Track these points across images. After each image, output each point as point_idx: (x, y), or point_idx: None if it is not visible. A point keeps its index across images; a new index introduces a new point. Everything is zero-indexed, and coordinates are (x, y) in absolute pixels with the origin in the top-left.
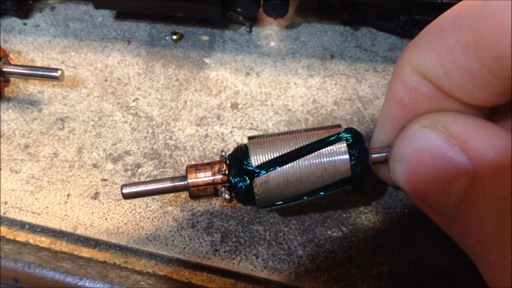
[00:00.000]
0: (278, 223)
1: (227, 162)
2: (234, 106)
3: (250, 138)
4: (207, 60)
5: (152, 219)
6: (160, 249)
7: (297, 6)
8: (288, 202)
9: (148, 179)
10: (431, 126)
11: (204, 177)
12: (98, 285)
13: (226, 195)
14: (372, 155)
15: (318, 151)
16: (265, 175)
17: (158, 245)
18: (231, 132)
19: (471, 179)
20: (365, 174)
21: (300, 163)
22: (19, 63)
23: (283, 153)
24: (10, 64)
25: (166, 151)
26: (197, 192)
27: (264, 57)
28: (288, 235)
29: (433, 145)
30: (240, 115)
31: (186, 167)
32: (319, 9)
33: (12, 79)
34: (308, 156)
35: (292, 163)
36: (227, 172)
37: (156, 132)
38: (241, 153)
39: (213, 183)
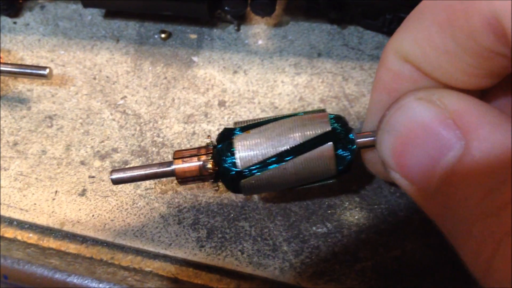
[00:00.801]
0: (263, 219)
1: (215, 154)
2: (222, 104)
3: (234, 130)
4: (195, 59)
5: (139, 215)
6: (146, 245)
7: (285, 5)
8: (270, 165)
9: (141, 164)
10: (426, 98)
11: (189, 156)
12: (86, 281)
13: (209, 168)
14: (358, 140)
15: (305, 156)
16: (250, 177)
17: (145, 241)
18: (218, 129)
19: (462, 154)
20: (351, 163)
21: (286, 167)
22: (9, 62)
23: (269, 155)
24: None
25: (154, 148)
26: (183, 173)
27: (251, 55)
28: (274, 231)
29: (427, 117)
30: (227, 112)
31: (174, 152)
32: (307, 8)
33: (1, 77)
34: (294, 160)
35: (278, 167)
36: (213, 164)
37: (143, 130)
38: (225, 129)
39: (197, 159)
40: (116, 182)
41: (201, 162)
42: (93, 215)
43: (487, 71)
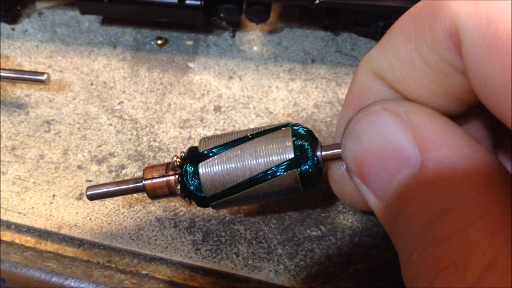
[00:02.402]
0: (258, 222)
1: (181, 159)
2: (217, 109)
3: (202, 153)
4: (191, 64)
5: (135, 219)
6: (143, 248)
7: (279, 12)
8: (236, 192)
9: (116, 180)
10: (392, 110)
11: (158, 173)
12: (83, 285)
13: (178, 189)
14: (324, 152)
15: (262, 136)
16: (218, 201)
17: (141, 244)
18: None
19: (416, 173)
20: (315, 167)
21: (243, 147)
22: (7, 67)
23: (234, 183)
24: None
25: (150, 153)
26: (153, 190)
27: (247, 61)
28: (268, 234)
29: (390, 129)
30: (222, 117)
31: (144, 169)
32: (301, 15)
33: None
34: (251, 140)
35: (235, 147)
36: (179, 165)
37: (140, 134)
38: (192, 147)
39: (166, 177)
40: (91, 198)
41: (169, 178)
42: (90, 219)
43: (448, 91)
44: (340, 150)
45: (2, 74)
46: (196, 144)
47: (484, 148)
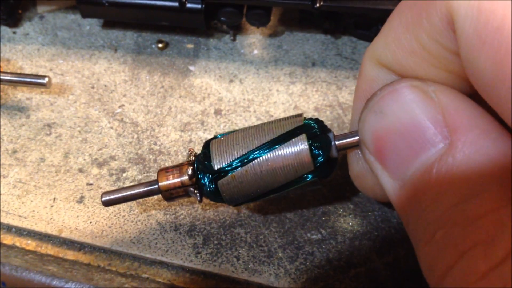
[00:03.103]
0: (259, 226)
1: (195, 163)
2: (218, 112)
3: (213, 139)
4: (191, 68)
5: (136, 222)
6: (143, 252)
7: (280, 16)
8: (257, 198)
9: (129, 185)
10: (421, 88)
11: (173, 179)
12: None
13: (197, 196)
14: (338, 142)
15: (278, 148)
16: (227, 176)
17: (142, 247)
18: None
19: (444, 154)
20: (331, 162)
21: (261, 161)
22: (8, 71)
23: (244, 152)
24: None
25: (151, 156)
26: (169, 195)
27: (247, 64)
28: (269, 238)
29: (417, 108)
30: (223, 121)
31: (158, 171)
32: (301, 19)
33: (1, 86)
34: (268, 154)
35: (253, 162)
36: (194, 173)
37: (141, 138)
38: (204, 156)
39: (182, 186)
40: (106, 204)
41: (183, 177)
42: (90, 222)
43: (454, 76)
44: (356, 138)
45: (3, 77)
46: (197, 147)
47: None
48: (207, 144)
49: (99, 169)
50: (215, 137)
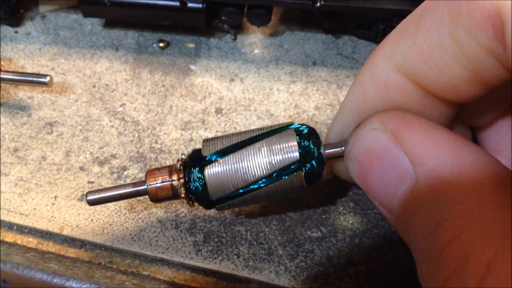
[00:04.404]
0: (259, 223)
1: (184, 161)
2: (219, 111)
3: (206, 157)
4: (193, 67)
5: (137, 220)
6: (144, 249)
7: (280, 15)
8: (241, 195)
9: (115, 184)
10: (381, 128)
11: (161, 177)
12: (84, 285)
13: (182, 192)
14: (327, 150)
15: (267, 138)
16: (213, 162)
17: (142, 245)
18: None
19: (413, 187)
20: (319, 165)
21: (249, 149)
22: (10, 70)
23: (239, 186)
24: (0, 70)
25: (152, 155)
26: (156, 194)
27: (248, 64)
28: (269, 235)
29: (381, 147)
30: (224, 119)
31: (146, 172)
32: (302, 18)
33: (2, 85)
34: (257, 143)
35: (240, 150)
36: (182, 168)
37: (142, 136)
38: (195, 150)
39: (170, 181)
40: (91, 203)
41: (173, 182)
42: (91, 220)
43: (477, 76)
44: (341, 148)
45: (5, 76)
46: (198, 146)
47: (473, 151)
48: (199, 165)
49: (100, 167)
50: (204, 157)
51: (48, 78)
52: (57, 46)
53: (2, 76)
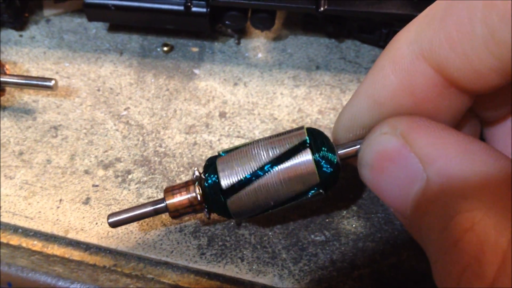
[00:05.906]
0: (263, 227)
1: (201, 181)
2: (222, 115)
3: (217, 156)
4: (196, 71)
5: (141, 223)
6: (148, 253)
7: (284, 19)
8: (262, 213)
9: (135, 205)
10: (390, 132)
11: (180, 197)
12: None
13: (206, 213)
14: (340, 151)
15: (284, 164)
16: (235, 195)
17: (147, 248)
18: (219, 140)
19: (425, 187)
20: (335, 173)
21: (267, 179)
22: (15, 73)
23: (250, 171)
24: (5, 74)
25: (156, 158)
26: (176, 213)
27: (251, 68)
28: (273, 239)
29: (392, 151)
30: (228, 123)
31: (164, 190)
32: (305, 22)
33: (7, 89)
34: (275, 170)
35: (259, 180)
36: (201, 192)
37: (146, 140)
38: (210, 173)
39: (190, 204)
40: (113, 225)
41: (190, 194)
42: (96, 223)
43: (505, 65)
44: (355, 147)
45: (10, 80)
46: (202, 149)
47: (482, 147)
48: (212, 162)
49: (104, 171)
50: (219, 155)
51: (53, 81)
52: (62, 50)
53: (7, 79)
